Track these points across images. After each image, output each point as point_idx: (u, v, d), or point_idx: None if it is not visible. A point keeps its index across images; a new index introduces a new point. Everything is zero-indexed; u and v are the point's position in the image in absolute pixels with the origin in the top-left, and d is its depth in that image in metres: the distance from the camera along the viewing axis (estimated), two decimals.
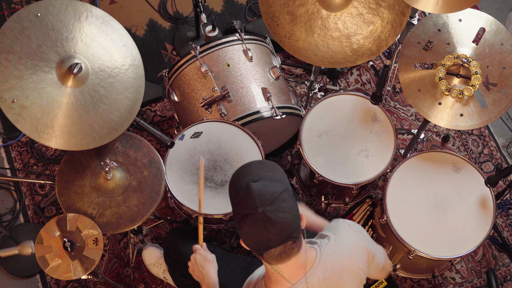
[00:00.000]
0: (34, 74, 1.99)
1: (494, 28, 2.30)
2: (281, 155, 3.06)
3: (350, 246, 1.76)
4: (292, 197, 1.57)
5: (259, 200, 1.51)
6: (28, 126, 1.98)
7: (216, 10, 3.43)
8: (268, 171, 1.61)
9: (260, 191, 1.53)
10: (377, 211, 2.68)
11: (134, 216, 2.23)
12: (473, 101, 2.28)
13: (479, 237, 2.37)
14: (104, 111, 2.09)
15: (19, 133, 3.06)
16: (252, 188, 1.53)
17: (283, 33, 2.28)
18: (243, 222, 1.53)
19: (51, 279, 2.81)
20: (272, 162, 1.67)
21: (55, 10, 2.04)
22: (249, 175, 1.59)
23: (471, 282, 2.86)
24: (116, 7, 3.39)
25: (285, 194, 1.55)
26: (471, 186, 2.44)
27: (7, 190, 2.98)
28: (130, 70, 2.16)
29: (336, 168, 2.50)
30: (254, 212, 1.51)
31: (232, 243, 2.83)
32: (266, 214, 1.50)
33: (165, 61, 3.29)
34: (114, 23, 2.15)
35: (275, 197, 1.53)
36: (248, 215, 1.52)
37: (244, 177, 1.59)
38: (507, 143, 3.16)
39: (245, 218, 1.52)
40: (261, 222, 1.50)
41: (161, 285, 2.81)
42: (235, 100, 2.55)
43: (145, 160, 2.31)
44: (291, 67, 3.26)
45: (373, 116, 2.57)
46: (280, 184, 1.57)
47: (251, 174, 1.59)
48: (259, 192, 1.53)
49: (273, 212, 1.51)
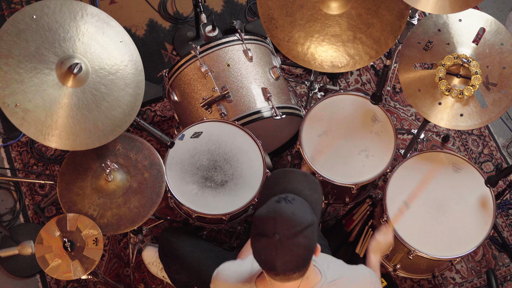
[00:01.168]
0: (35, 76, 1.99)
1: (494, 28, 2.30)
2: (281, 155, 3.06)
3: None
4: (314, 234, 1.52)
5: (281, 226, 1.47)
6: (33, 130, 1.99)
7: (216, 10, 3.43)
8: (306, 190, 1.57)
9: (288, 217, 1.48)
10: (377, 211, 2.68)
11: (134, 218, 2.23)
12: (473, 101, 2.28)
13: (479, 237, 2.37)
14: (106, 109, 2.09)
15: (19, 133, 3.06)
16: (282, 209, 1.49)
17: (281, 36, 2.27)
18: (257, 238, 1.51)
19: (51, 279, 2.81)
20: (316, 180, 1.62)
21: (50, 11, 2.04)
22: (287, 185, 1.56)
23: (471, 282, 2.86)
24: (116, 7, 3.39)
25: (309, 231, 1.50)
26: (471, 186, 2.44)
27: (7, 190, 2.98)
28: (130, 66, 2.16)
29: (336, 168, 2.50)
30: (271, 236, 1.47)
31: (232, 243, 2.83)
32: (282, 243, 1.47)
33: (165, 61, 3.29)
34: (110, 20, 2.15)
35: (298, 230, 1.48)
36: (264, 236, 1.49)
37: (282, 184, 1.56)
38: (507, 143, 3.16)
39: (260, 236, 1.50)
40: (273, 248, 1.47)
41: (161, 285, 2.81)
42: (235, 100, 2.55)
43: (146, 162, 2.31)
44: (291, 67, 3.26)
45: (373, 116, 2.57)
46: (309, 215, 1.52)
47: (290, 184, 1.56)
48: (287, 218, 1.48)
49: (289, 245, 1.47)
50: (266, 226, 1.49)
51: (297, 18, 2.26)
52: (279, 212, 1.48)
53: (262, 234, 1.49)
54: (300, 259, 1.50)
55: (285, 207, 1.49)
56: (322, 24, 2.25)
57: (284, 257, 1.48)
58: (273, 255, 1.48)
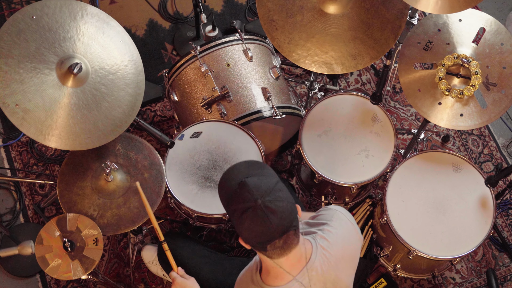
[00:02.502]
0: (35, 76, 1.99)
1: (494, 28, 2.30)
2: (281, 155, 3.06)
3: (345, 236, 1.77)
4: (285, 188, 1.58)
5: (256, 192, 1.53)
6: (33, 130, 1.99)
7: (216, 10, 3.43)
8: (256, 169, 1.62)
9: (256, 184, 1.54)
10: (377, 211, 2.68)
11: (134, 218, 2.23)
12: (473, 101, 2.28)
13: (479, 237, 2.37)
14: (106, 109, 2.09)
15: (19, 133, 3.06)
16: (247, 182, 1.54)
17: (282, 38, 2.27)
18: (243, 217, 1.54)
19: (51, 279, 2.81)
20: (259, 161, 1.68)
21: (50, 11, 2.04)
22: (239, 174, 1.59)
23: (471, 282, 2.86)
24: (116, 7, 3.39)
25: (280, 185, 1.57)
26: (471, 186, 2.44)
27: (7, 190, 2.98)
28: (130, 66, 2.16)
29: (336, 168, 2.50)
30: (253, 205, 1.51)
31: (232, 243, 2.83)
32: (266, 204, 1.51)
33: (165, 61, 3.29)
34: (110, 20, 2.15)
35: (271, 187, 1.55)
36: (248, 209, 1.52)
37: (234, 178, 1.59)
38: (507, 143, 3.16)
39: (245, 212, 1.53)
40: (262, 213, 1.51)
41: (161, 285, 2.81)
42: (235, 100, 2.55)
43: (146, 162, 2.31)
44: (291, 67, 3.26)
45: (373, 116, 2.57)
46: (272, 177, 1.59)
47: (241, 173, 1.60)
48: (255, 185, 1.54)
49: (272, 201, 1.52)
50: (244, 201, 1.53)
51: (298, 19, 2.25)
52: (248, 184, 1.54)
53: (244, 209, 1.53)
54: (288, 212, 1.54)
55: (249, 180, 1.55)
56: (323, 25, 2.25)
57: (276, 216, 1.52)
58: (266, 222, 1.51)
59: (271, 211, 1.52)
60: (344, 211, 1.84)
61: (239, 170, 1.63)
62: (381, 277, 2.75)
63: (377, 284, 2.73)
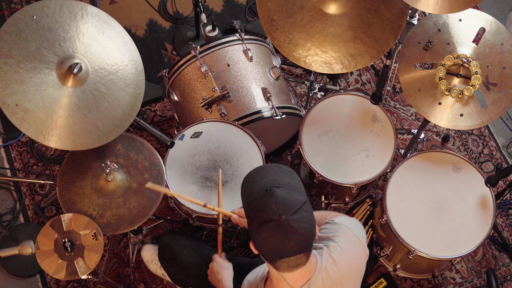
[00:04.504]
0: (35, 76, 1.99)
1: (494, 28, 2.30)
2: (281, 155, 3.06)
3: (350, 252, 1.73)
4: (311, 209, 1.54)
5: (283, 207, 1.49)
6: (33, 130, 1.99)
7: (216, 10, 3.43)
8: (286, 177, 1.58)
9: (285, 198, 1.50)
10: (377, 211, 2.68)
11: (133, 218, 2.23)
12: (473, 101, 2.28)
13: (479, 237, 2.37)
14: (106, 109, 2.09)
15: (19, 133, 3.06)
16: (276, 193, 1.50)
17: (282, 38, 2.27)
18: (264, 227, 1.50)
19: (51, 279, 2.81)
20: (290, 168, 1.63)
21: (50, 11, 2.04)
22: (266, 178, 1.56)
23: (471, 282, 2.86)
24: (116, 7, 3.39)
25: (307, 205, 1.53)
26: (471, 186, 2.44)
27: (7, 190, 2.98)
28: (130, 66, 2.16)
29: (336, 168, 2.50)
30: (277, 219, 1.48)
31: (232, 243, 2.83)
32: (289, 223, 1.48)
33: (165, 61, 3.29)
34: (110, 20, 2.15)
35: (299, 206, 1.50)
36: (271, 221, 1.49)
37: (261, 180, 1.56)
38: (507, 143, 3.16)
39: (266, 224, 1.49)
40: (283, 231, 1.48)
41: (161, 285, 2.81)
42: (235, 100, 2.55)
43: (146, 163, 2.31)
44: (291, 67, 3.26)
45: (373, 116, 2.57)
46: (302, 194, 1.55)
47: (269, 177, 1.56)
48: (284, 199, 1.50)
49: (297, 221, 1.48)
50: (269, 211, 1.49)
51: (298, 19, 2.25)
52: (276, 196, 1.50)
53: (267, 220, 1.49)
54: (309, 235, 1.51)
55: (278, 191, 1.51)
56: (323, 25, 2.25)
57: (296, 237, 1.48)
58: (283, 238, 1.48)
59: (293, 231, 1.48)
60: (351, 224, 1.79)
61: (268, 172, 1.59)
62: (381, 277, 2.75)
63: (377, 284, 2.74)
